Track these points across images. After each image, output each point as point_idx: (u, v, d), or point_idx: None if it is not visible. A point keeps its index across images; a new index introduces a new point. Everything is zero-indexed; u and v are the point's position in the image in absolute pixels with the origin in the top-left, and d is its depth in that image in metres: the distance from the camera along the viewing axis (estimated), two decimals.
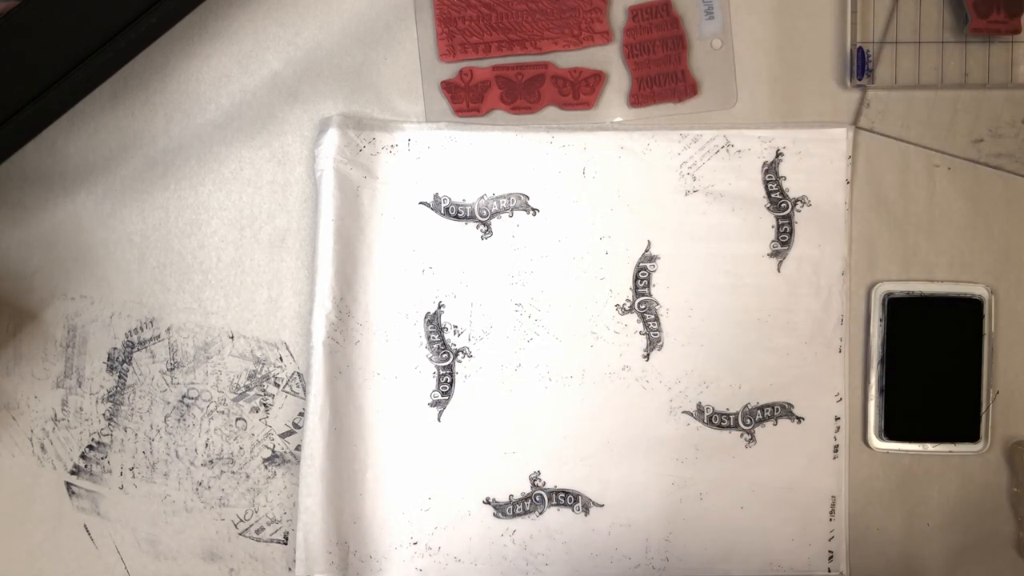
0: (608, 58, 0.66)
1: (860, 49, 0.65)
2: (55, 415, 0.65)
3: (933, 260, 0.65)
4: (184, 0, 0.64)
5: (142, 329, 0.66)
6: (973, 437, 0.64)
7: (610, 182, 0.65)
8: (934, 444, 0.64)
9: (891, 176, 0.65)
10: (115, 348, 0.66)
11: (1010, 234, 0.65)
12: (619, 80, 0.66)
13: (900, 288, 0.64)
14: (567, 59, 0.66)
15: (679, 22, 0.65)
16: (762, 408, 0.65)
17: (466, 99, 0.65)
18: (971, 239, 0.65)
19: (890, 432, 0.64)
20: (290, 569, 0.65)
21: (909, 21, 0.65)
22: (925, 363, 0.64)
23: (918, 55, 0.65)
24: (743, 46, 0.65)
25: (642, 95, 0.65)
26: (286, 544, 0.65)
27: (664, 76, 0.65)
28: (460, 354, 0.65)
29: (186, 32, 0.66)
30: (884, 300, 0.64)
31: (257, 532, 0.65)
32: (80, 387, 0.66)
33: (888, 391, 0.64)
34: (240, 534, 0.65)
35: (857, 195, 0.65)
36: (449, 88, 0.65)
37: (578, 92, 0.65)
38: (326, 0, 0.66)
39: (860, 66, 0.64)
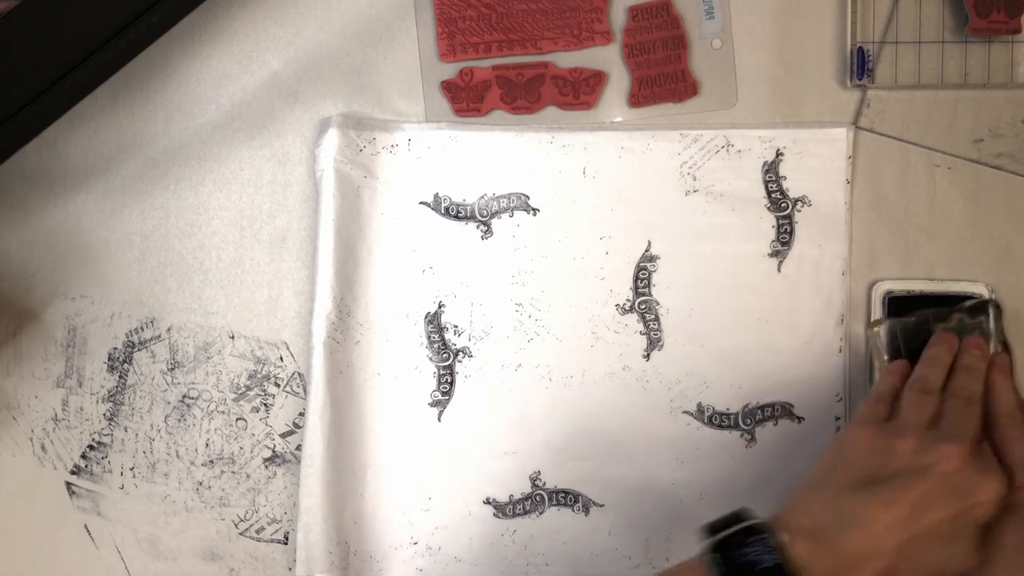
0: (608, 58, 0.66)
1: (860, 49, 0.65)
2: (55, 415, 0.65)
3: (933, 260, 0.65)
4: (184, 0, 0.64)
5: (142, 329, 0.66)
6: None
7: (610, 182, 0.65)
8: None
9: (891, 176, 0.65)
10: (115, 348, 0.66)
11: (1010, 234, 0.65)
12: (619, 80, 0.66)
13: (900, 287, 0.64)
14: (567, 59, 0.66)
15: (679, 22, 0.65)
16: (762, 408, 0.65)
17: (466, 99, 0.65)
18: (971, 239, 0.65)
19: None
20: (290, 569, 0.65)
21: (909, 21, 0.65)
22: None
23: (918, 55, 0.65)
24: (743, 46, 0.65)
25: (642, 95, 0.65)
26: (286, 544, 0.65)
27: (664, 76, 0.65)
28: (460, 354, 0.65)
29: (186, 32, 0.66)
30: (884, 299, 0.64)
31: (257, 532, 0.65)
32: (80, 387, 0.66)
33: None
34: (240, 534, 0.65)
35: (857, 195, 0.65)
36: (449, 88, 0.65)
37: (578, 92, 0.65)
38: (326, 0, 0.66)
39: (860, 66, 0.64)
